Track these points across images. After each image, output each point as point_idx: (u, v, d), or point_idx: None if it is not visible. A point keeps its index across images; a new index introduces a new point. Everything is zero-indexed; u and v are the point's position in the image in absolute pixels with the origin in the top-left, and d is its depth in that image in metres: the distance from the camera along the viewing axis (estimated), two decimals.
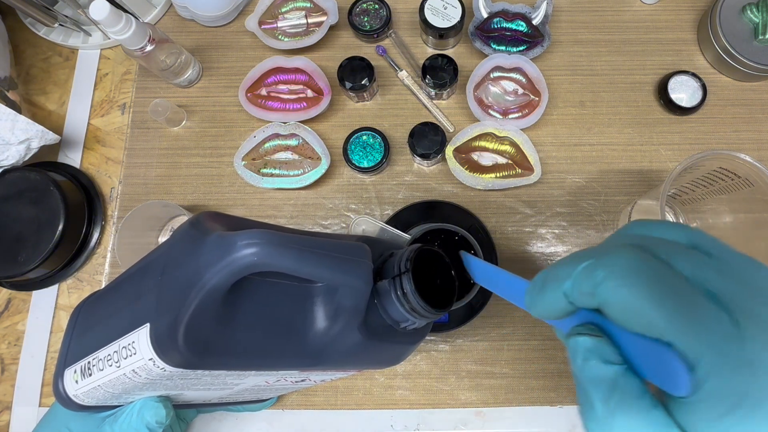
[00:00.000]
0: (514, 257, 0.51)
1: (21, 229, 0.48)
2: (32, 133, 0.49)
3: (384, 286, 0.29)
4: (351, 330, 0.28)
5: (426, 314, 0.29)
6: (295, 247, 0.24)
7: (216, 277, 0.23)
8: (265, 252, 0.23)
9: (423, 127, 0.50)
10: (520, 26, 0.54)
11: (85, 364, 0.28)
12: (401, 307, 0.29)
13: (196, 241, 0.25)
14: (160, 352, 0.24)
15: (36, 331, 0.51)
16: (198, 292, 0.23)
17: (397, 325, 0.30)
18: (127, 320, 0.26)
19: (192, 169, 0.54)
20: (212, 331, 0.24)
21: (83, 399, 0.29)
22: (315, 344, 0.28)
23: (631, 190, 0.52)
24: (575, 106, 0.55)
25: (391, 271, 0.29)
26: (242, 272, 0.23)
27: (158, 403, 0.30)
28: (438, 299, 0.29)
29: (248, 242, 0.23)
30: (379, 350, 0.31)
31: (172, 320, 0.23)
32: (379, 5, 0.55)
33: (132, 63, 0.58)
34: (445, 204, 0.48)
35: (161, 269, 0.26)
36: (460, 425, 0.48)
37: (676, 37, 0.56)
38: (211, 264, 0.23)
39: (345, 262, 0.26)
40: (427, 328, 0.34)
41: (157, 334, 0.24)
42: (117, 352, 0.26)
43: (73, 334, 0.30)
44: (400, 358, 0.33)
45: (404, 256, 0.29)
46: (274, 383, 0.33)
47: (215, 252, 0.23)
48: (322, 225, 0.53)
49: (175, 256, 0.26)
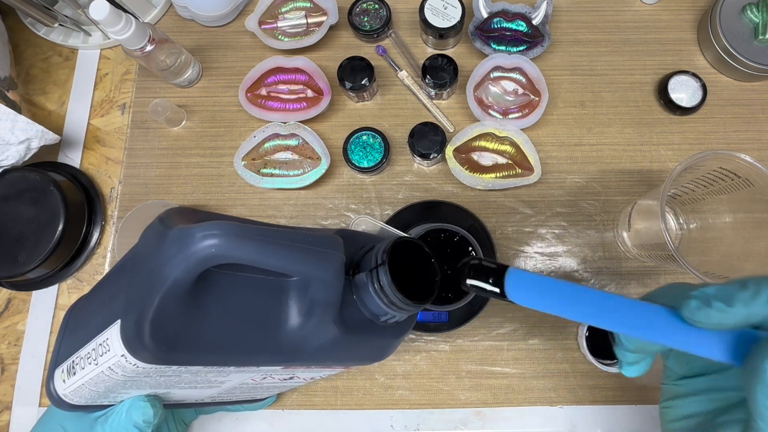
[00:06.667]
0: (514, 257, 0.51)
1: (21, 229, 0.48)
2: (32, 133, 0.49)
3: (362, 279, 0.28)
4: (326, 324, 0.28)
5: (405, 307, 0.28)
6: (258, 238, 0.24)
7: (176, 270, 0.23)
8: (225, 243, 0.23)
9: (423, 127, 0.50)
10: (520, 26, 0.54)
11: (70, 363, 0.28)
12: (379, 300, 0.28)
13: (159, 237, 0.24)
14: (130, 348, 0.23)
15: (36, 331, 0.51)
16: (160, 287, 0.23)
17: (377, 318, 0.30)
18: (103, 318, 0.26)
19: (192, 169, 0.54)
20: (180, 326, 0.24)
21: (72, 398, 0.29)
22: (290, 339, 0.28)
23: (631, 190, 0.52)
24: (575, 106, 0.55)
25: (369, 264, 0.28)
26: (202, 264, 0.23)
27: (146, 402, 0.30)
28: (418, 291, 0.29)
29: (207, 233, 0.23)
30: (360, 345, 0.30)
31: (138, 316, 0.23)
32: (379, 5, 0.55)
33: (132, 63, 0.58)
34: (445, 204, 0.48)
35: (131, 267, 0.26)
36: (460, 425, 0.48)
37: (676, 37, 0.56)
38: (170, 257, 0.23)
39: (312, 254, 0.26)
40: (410, 321, 0.33)
41: (126, 330, 0.24)
42: (95, 349, 0.26)
43: (63, 336, 0.30)
44: (385, 352, 0.32)
45: (381, 248, 0.29)
46: (261, 381, 0.33)
47: (175, 245, 0.23)
48: (322, 225, 0.53)
49: (142, 252, 0.26)
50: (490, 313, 0.50)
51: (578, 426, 0.47)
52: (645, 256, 0.47)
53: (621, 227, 0.50)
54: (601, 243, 0.51)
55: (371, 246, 0.30)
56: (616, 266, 0.51)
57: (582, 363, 0.48)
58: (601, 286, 0.50)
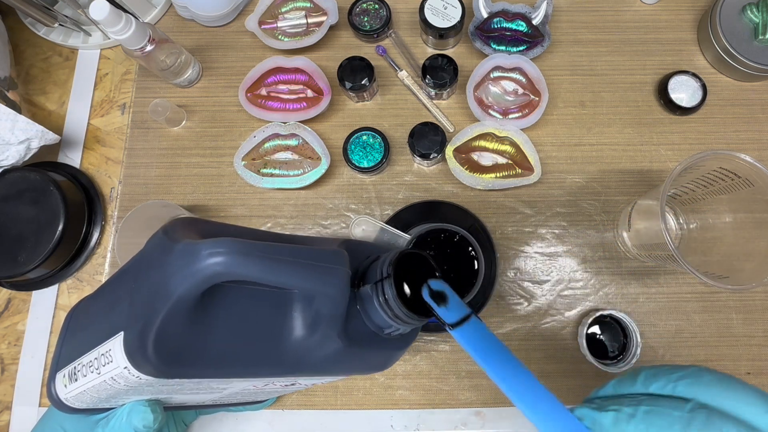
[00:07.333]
0: (514, 257, 0.51)
1: (21, 229, 0.48)
2: (32, 133, 0.49)
3: (366, 292, 0.28)
4: (330, 337, 0.27)
5: (409, 321, 0.28)
6: (264, 255, 0.24)
7: (182, 286, 0.23)
8: (231, 261, 0.23)
9: (423, 127, 0.50)
10: (520, 26, 0.54)
11: (72, 369, 0.28)
12: (384, 314, 0.28)
13: (164, 249, 0.24)
14: (133, 361, 0.23)
15: (36, 331, 0.51)
16: (165, 302, 0.23)
17: (381, 331, 0.29)
18: (105, 327, 0.26)
19: (192, 169, 0.54)
20: (184, 341, 0.24)
21: (74, 402, 0.29)
22: (294, 351, 0.27)
23: (631, 190, 0.52)
24: (575, 106, 0.55)
25: (374, 276, 0.28)
26: (208, 282, 0.23)
27: (146, 407, 0.30)
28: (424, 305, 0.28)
29: (213, 251, 0.23)
30: (363, 357, 0.30)
31: (143, 329, 0.23)
32: (379, 5, 0.55)
33: (132, 63, 0.58)
34: (445, 204, 0.48)
35: (135, 276, 0.26)
36: (460, 425, 0.48)
37: (676, 37, 0.56)
38: (176, 273, 0.23)
39: (318, 270, 0.26)
40: (414, 333, 0.33)
41: (129, 343, 0.23)
42: (97, 359, 0.26)
43: (64, 338, 0.30)
44: (387, 364, 0.32)
45: (387, 260, 0.28)
46: (263, 387, 0.33)
47: (181, 261, 0.23)
48: (322, 225, 0.53)
49: (147, 263, 0.26)
50: (490, 313, 0.50)
51: None
52: (645, 256, 0.47)
53: (621, 227, 0.50)
54: (601, 243, 0.51)
55: (376, 256, 0.30)
56: (616, 266, 0.51)
57: (582, 363, 0.48)
58: (601, 286, 0.50)
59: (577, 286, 0.50)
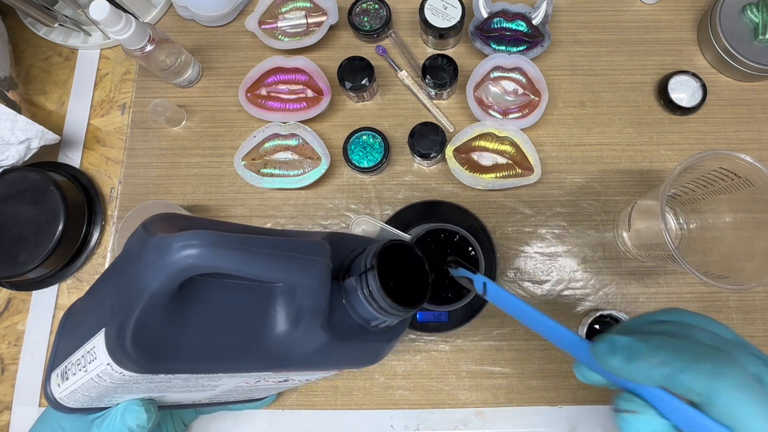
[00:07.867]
0: (514, 257, 0.51)
1: (21, 229, 0.48)
2: (32, 133, 0.49)
3: (351, 284, 0.28)
4: (315, 330, 0.27)
5: (394, 312, 0.28)
6: (238, 247, 0.23)
7: (156, 280, 0.22)
8: (204, 253, 0.22)
9: (423, 127, 0.50)
10: (520, 26, 0.54)
11: (64, 368, 0.28)
12: (369, 306, 0.28)
13: (141, 244, 0.24)
14: (114, 357, 0.23)
15: (36, 331, 0.51)
16: (141, 297, 0.23)
17: (368, 324, 0.29)
18: (92, 324, 0.26)
19: (192, 169, 0.54)
20: (162, 335, 0.24)
21: (68, 401, 0.29)
22: (278, 346, 0.27)
23: (631, 190, 0.52)
24: (575, 106, 0.55)
25: (358, 268, 0.28)
26: (182, 275, 0.23)
27: (140, 406, 0.30)
28: (409, 296, 0.28)
29: (185, 244, 0.22)
30: (351, 350, 0.30)
31: (121, 325, 0.23)
32: (379, 5, 0.55)
33: (132, 63, 0.58)
34: (445, 204, 0.48)
35: (118, 273, 0.26)
36: (460, 425, 0.48)
37: (676, 37, 0.56)
38: (150, 267, 0.23)
39: (296, 262, 0.25)
40: (402, 325, 0.33)
41: (109, 339, 0.23)
42: (84, 356, 0.25)
43: (60, 338, 0.30)
44: (378, 356, 0.32)
45: (370, 252, 0.28)
46: (255, 384, 0.33)
47: (155, 255, 0.23)
48: (322, 225, 0.53)
49: (128, 259, 0.26)
50: (489, 313, 0.50)
51: (578, 426, 0.47)
52: (645, 256, 0.47)
53: (621, 227, 0.50)
54: (601, 243, 0.51)
55: (362, 249, 0.30)
56: (616, 266, 0.51)
57: None
58: (601, 286, 0.50)
59: (577, 286, 0.50)
